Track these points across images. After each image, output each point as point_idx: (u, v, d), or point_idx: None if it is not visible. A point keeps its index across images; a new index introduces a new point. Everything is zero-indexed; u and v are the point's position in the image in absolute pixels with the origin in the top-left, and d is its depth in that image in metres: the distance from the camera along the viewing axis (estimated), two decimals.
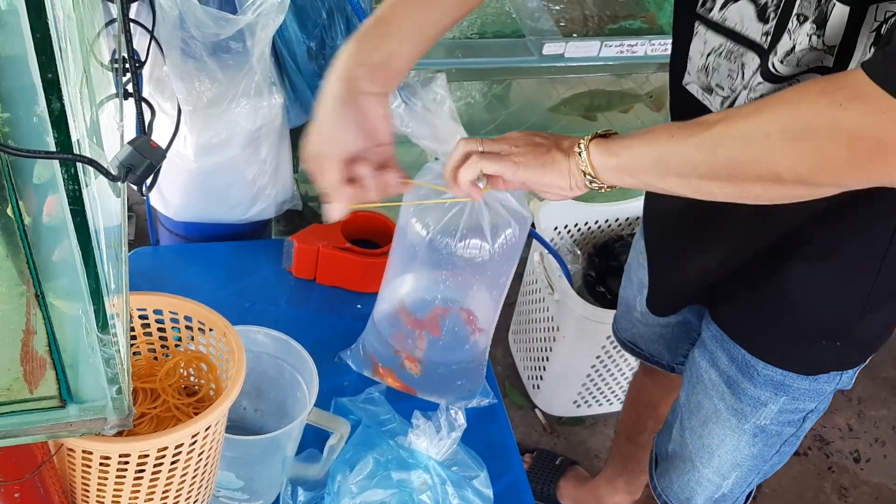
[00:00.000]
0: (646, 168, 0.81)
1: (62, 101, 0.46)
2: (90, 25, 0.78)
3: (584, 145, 0.83)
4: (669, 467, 1.22)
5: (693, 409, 1.13)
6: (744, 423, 1.06)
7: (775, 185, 0.73)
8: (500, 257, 1.02)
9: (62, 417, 0.66)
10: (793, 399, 1.01)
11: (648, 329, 1.27)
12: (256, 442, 0.93)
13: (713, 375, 1.07)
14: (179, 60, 1.08)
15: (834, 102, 0.66)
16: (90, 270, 0.55)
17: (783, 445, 1.09)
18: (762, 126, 0.71)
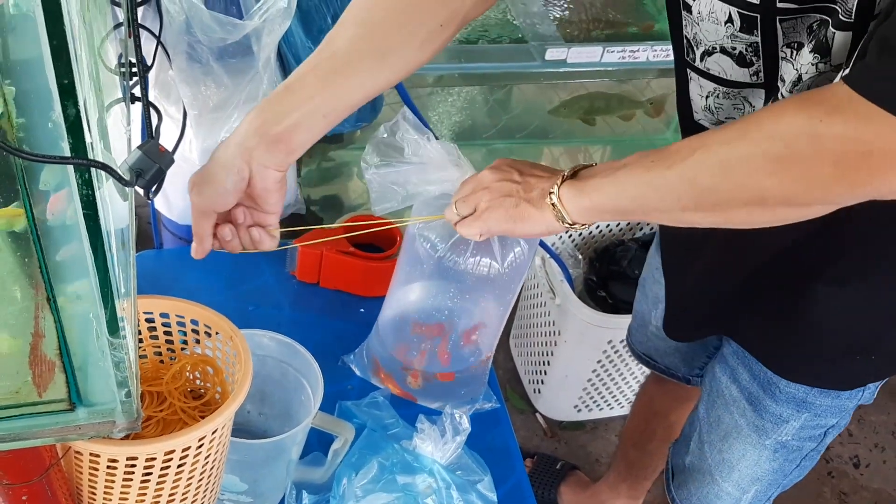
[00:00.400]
0: (625, 206, 0.79)
1: (77, 107, 0.46)
2: (98, 29, 0.79)
3: (555, 195, 0.81)
4: (688, 479, 1.22)
5: (713, 424, 1.12)
6: (765, 440, 1.05)
7: (760, 208, 0.72)
8: (508, 276, 1.02)
9: (71, 420, 0.67)
10: (815, 416, 1.01)
11: (664, 343, 1.27)
12: (261, 446, 0.94)
13: (734, 391, 1.06)
14: (185, 65, 1.08)
15: (814, 118, 0.65)
16: (102, 274, 0.56)
17: (804, 460, 1.09)
18: (742, 150, 0.69)
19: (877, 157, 0.63)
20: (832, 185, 0.66)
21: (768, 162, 0.68)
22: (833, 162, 0.65)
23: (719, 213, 0.74)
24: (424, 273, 1.05)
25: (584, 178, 0.81)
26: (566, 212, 0.81)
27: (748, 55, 0.80)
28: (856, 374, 0.99)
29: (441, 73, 1.69)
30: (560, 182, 0.81)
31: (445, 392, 1.18)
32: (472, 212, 0.88)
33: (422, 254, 1.02)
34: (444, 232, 1.00)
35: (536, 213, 0.83)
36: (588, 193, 0.80)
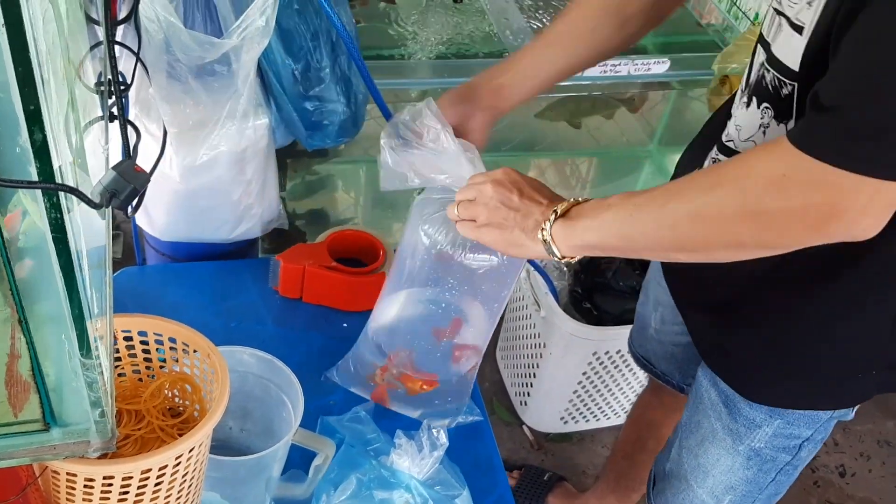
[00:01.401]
0: (612, 245, 0.84)
1: (44, 132, 0.47)
2: (76, 48, 0.79)
3: (547, 233, 0.85)
4: (666, 486, 1.23)
5: (692, 428, 1.14)
6: (738, 445, 1.06)
7: (741, 250, 0.76)
8: (506, 268, 1.04)
9: (46, 441, 0.67)
10: (787, 423, 1.02)
11: (661, 347, 1.28)
12: (242, 463, 0.94)
13: (713, 394, 1.07)
14: (165, 83, 1.08)
15: (778, 174, 0.69)
16: (73, 297, 0.56)
17: (779, 474, 1.09)
18: (715, 201, 0.74)
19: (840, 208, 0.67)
20: (803, 233, 0.71)
21: (740, 215, 0.72)
22: (800, 215, 0.69)
23: (701, 254, 0.79)
24: (420, 272, 1.06)
25: (575, 217, 0.85)
26: (556, 248, 0.86)
27: None
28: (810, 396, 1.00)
29: (425, 88, 1.69)
30: (553, 218, 0.85)
31: (430, 401, 1.18)
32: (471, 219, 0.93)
33: (421, 248, 1.04)
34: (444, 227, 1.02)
35: (529, 244, 0.88)
36: (578, 234, 0.84)
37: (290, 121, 1.26)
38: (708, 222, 0.75)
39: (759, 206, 0.70)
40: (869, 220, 0.68)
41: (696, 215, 0.75)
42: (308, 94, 1.22)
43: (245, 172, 1.25)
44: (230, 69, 1.09)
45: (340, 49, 1.22)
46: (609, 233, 0.83)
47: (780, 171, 0.69)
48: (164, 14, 1.00)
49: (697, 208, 0.75)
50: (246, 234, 1.36)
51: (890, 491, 2.04)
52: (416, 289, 1.10)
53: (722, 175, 0.75)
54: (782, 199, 0.69)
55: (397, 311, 1.14)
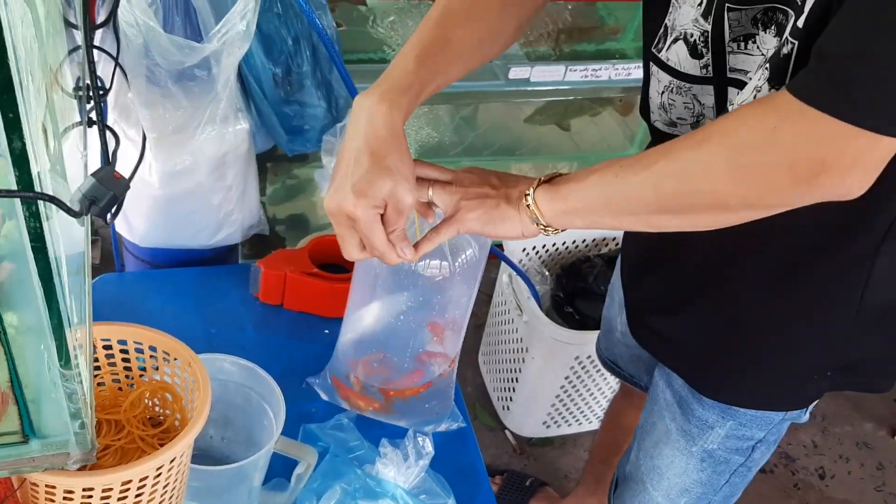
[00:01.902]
0: (596, 209, 0.81)
1: (23, 140, 0.46)
2: (54, 52, 0.78)
3: (531, 197, 0.83)
4: (624, 490, 1.23)
5: (648, 430, 1.14)
6: (692, 446, 1.06)
7: (724, 212, 0.74)
8: (461, 277, 1.03)
9: (25, 453, 0.66)
10: (740, 425, 1.02)
11: (628, 350, 1.28)
12: (223, 472, 0.93)
13: (668, 395, 1.08)
14: (144, 88, 1.07)
15: (769, 126, 0.68)
16: (52, 306, 0.55)
17: (732, 476, 1.09)
18: (702, 158, 0.72)
19: (829, 162, 0.66)
20: (789, 189, 0.69)
21: (727, 169, 0.71)
22: (788, 168, 0.67)
23: (684, 216, 0.77)
24: (378, 283, 1.05)
25: (559, 182, 0.83)
26: (540, 214, 0.83)
27: (700, 45, 0.82)
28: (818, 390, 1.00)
29: None
30: (536, 185, 0.84)
31: (412, 408, 1.17)
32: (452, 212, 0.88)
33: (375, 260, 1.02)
34: None
35: (514, 214, 0.85)
36: (562, 197, 0.82)
37: (270, 125, 1.25)
38: (694, 179, 0.73)
39: (746, 160, 0.69)
40: (857, 177, 0.67)
41: (682, 172, 0.73)
42: (289, 99, 1.21)
43: (225, 178, 1.24)
44: (210, 74, 1.08)
45: (321, 53, 1.21)
46: (593, 195, 0.81)
47: (772, 124, 0.67)
48: (143, 18, 0.98)
49: (683, 165, 0.73)
50: (226, 239, 1.35)
51: (869, 492, 2.05)
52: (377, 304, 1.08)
53: (711, 131, 0.73)
54: (771, 152, 0.68)
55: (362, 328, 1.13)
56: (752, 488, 1.99)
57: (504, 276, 1.86)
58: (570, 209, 0.82)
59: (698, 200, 0.74)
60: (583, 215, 0.83)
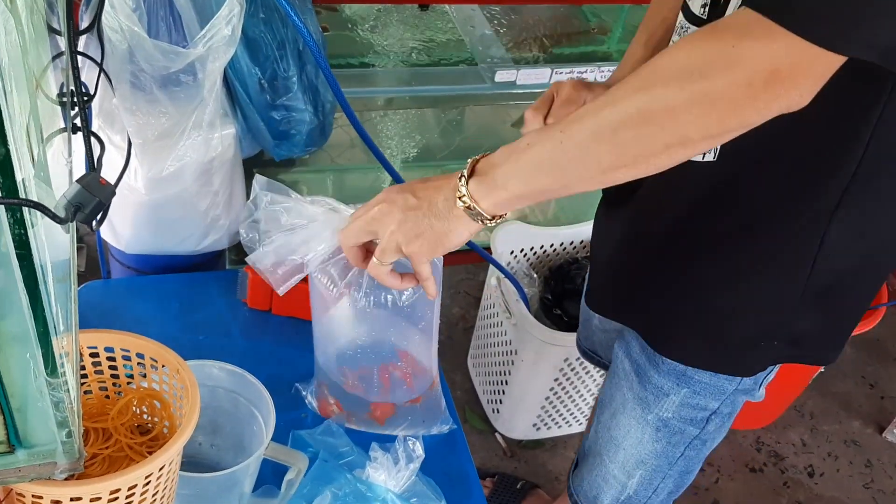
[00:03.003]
0: (543, 185, 0.77)
1: (7, 146, 0.45)
2: (37, 58, 0.77)
3: (466, 198, 0.78)
4: (583, 465, 1.24)
5: (606, 402, 1.14)
6: (647, 414, 1.07)
7: (683, 147, 0.72)
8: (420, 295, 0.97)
9: (11, 463, 0.65)
10: (694, 393, 1.02)
11: (606, 335, 1.28)
12: (213, 479, 0.92)
13: (626, 365, 1.08)
14: (129, 93, 1.07)
15: (726, 45, 0.67)
16: (38, 314, 0.54)
17: (687, 448, 1.09)
18: (660, 93, 0.70)
19: (782, 73, 0.66)
20: (747, 106, 0.69)
21: (687, 98, 0.69)
22: (746, 83, 0.67)
23: (641, 163, 0.73)
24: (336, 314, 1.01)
25: (489, 170, 0.79)
26: (481, 209, 0.79)
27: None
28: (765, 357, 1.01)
29: (391, 96, 1.69)
30: (464, 182, 0.79)
31: (401, 420, 1.17)
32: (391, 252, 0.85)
33: (324, 294, 0.99)
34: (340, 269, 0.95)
35: (453, 223, 0.80)
36: (501, 186, 0.78)
37: (256, 130, 1.24)
38: (654, 119, 0.70)
39: (707, 85, 0.68)
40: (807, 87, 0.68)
41: (640, 115, 0.70)
42: (275, 104, 1.20)
43: (212, 183, 1.24)
44: (196, 79, 1.07)
45: (307, 58, 1.21)
46: (536, 172, 0.76)
47: (729, 43, 0.67)
48: (127, 24, 0.98)
49: (639, 105, 0.70)
50: (213, 245, 1.34)
51: (858, 490, 2.06)
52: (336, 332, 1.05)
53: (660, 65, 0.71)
54: (731, 70, 0.67)
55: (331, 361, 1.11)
56: (742, 487, 2.01)
57: (492, 278, 1.86)
58: (512, 196, 0.78)
59: (657, 142, 0.71)
60: (529, 197, 0.78)
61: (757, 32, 0.66)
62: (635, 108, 0.71)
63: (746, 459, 2.09)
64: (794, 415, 2.20)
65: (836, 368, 2.31)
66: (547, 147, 0.75)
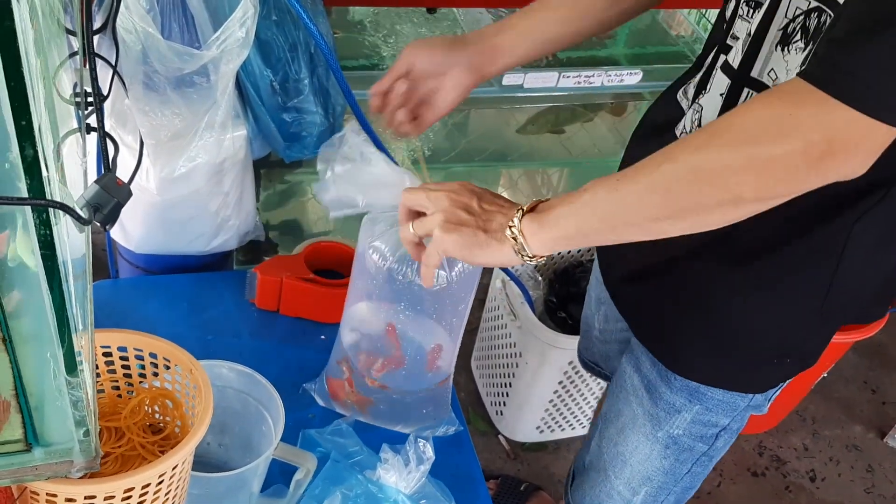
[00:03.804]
0: (592, 229, 0.80)
1: (35, 147, 0.46)
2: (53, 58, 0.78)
3: (516, 229, 0.82)
4: (584, 480, 1.23)
5: (612, 417, 1.14)
6: (657, 431, 1.07)
7: (735, 208, 0.74)
8: (458, 285, 1.03)
9: (28, 461, 0.65)
10: (706, 409, 1.02)
11: (606, 346, 1.28)
12: (222, 479, 0.92)
13: (636, 380, 1.08)
14: (142, 94, 1.07)
15: (783, 114, 0.69)
16: (60, 314, 0.55)
17: (694, 465, 1.10)
18: (716, 154, 0.72)
19: (837, 144, 0.68)
20: (802, 175, 0.71)
21: (744, 162, 0.71)
22: (802, 152, 0.69)
23: (692, 217, 0.76)
24: (375, 288, 1.05)
25: (545, 209, 0.82)
26: (527, 245, 0.82)
27: None
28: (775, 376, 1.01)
29: None
30: (520, 216, 0.82)
31: (410, 411, 1.17)
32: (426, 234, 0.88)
33: (371, 267, 1.02)
34: (394, 244, 1.00)
35: (495, 245, 0.83)
36: (552, 224, 0.81)
37: (267, 132, 1.25)
38: (708, 177, 0.72)
39: (762, 151, 0.70)
40: (861, 158, 0.69)
41: (697, 173, 0.73)
42: (286, 106, 1.21)
43: (223, 184, 1.24)
44: (209, 80, 1.07)
45: (318, 60, 1.21)
46: (588, 215, 0.79)
47: (786, 112, 0.69)
48: (141, 25, 0.98)
49: (697, 164, 0.73)
50: (222, 246, 1.34)
51: (859, 494, 2.07)
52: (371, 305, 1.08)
53: (718, 127, 0.73)
54: (786, 139, 0.69)
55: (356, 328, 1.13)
56: (744, 491, 2.01)
57: (497, 281, 1.86)
58: (562, 235, 0.81)
59: (710, 199, 0.74)
60: (577, 238, 0.82)
61: (811, 102, 0.68)
62: (692, 163, 0.74)
63: (748, 464, 2.09)
64: (796, 419, 2.21)
65: (837, 374, 2.31)
66: (601, 193, 0.79)
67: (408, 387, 1.15)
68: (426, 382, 1.16)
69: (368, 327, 1.12)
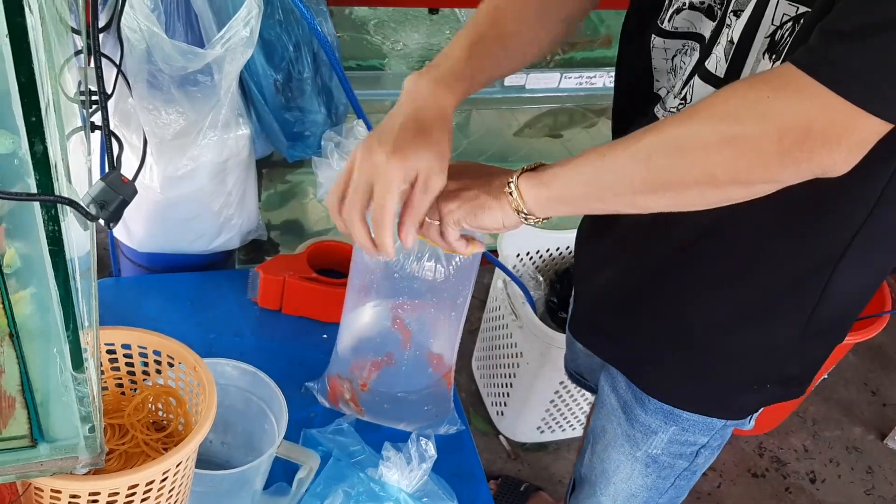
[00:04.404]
0: (581, 193, 0.81)
1: (45, 144, 0.46)
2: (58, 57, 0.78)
3: (513, 184, 0.82)
4: (580, 492, 1.24)
5: (598, 434, 1.14)
6: (636, 451, 1.07)
7: (712, 187, 0.74)
8: (455, 278, 1.03)
9: (33, 457, 0.66)
10: (682, 430, 1.02)
11: (591, 360, 1.27)
12: (225, 476, 0.93)
13: (613, 400, 1.08)
14: (146, 93, 1.07)
15: (761, 96, 0.68)
16: (67, 309, 0.55)
17: (678, 479, 1.09)
18: (694, 129, 0.72)
19: (816, 132, 0.66)
20: (776, 162, 0.69)
21: (717, 139, 0.71)
22: (777, 139, 0.68)
23: (672, 193, 0.76)
24: (374, 284, 1.05)
25: (542, 171, 0.83)
26: (523, 202, 0.82)
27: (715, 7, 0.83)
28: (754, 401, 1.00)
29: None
30: (519, 174, 0.83)
31: (411, 409, 1.17)
32: None
33: (370, 261, 1.02)
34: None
35: (494, 204, 0.83)
36: (545, 184, 0.81)
37: (270, 131, 1.25)
38: (685, 152, 0.73)
39: (736, 130, 0.69)
40: (842, 152, 0.68)
41: (674, 146, 0.73)
42: (289, 105, 1.21)
43: (226, 183, 1.24)
44: (213, 79, 1.08)
45: (321, 60, 1.21)
46: (578, 179, 0.80)
47: (765, 94, 0.68)
48: (146, 23, 0.99)
49: (675, 138, 0.73)
50: (225, 245, 1.35)
51: (859, 496, 2.07)
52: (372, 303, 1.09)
53: (702, 104, 0.73)
54: (760, 121, 0.68)
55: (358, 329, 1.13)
56: (744, 492, 2.02)
57: (498, 281, 1.86)
58: (553, 196, 0.81)
59: (688, 175, 0.74)
60: (567, 201, 0.82)
61: (793, 87, 0.67)
62: (671, 136, 0.74)
63: (749, 465, 2.09)
64: (796, 421, 2.21)
65: (838, 375, 2.32)
66: (591, 158, 0.79)
67: (409, 384, 1.15)
68: (427, 378, 1.16)
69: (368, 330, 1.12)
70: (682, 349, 0.97)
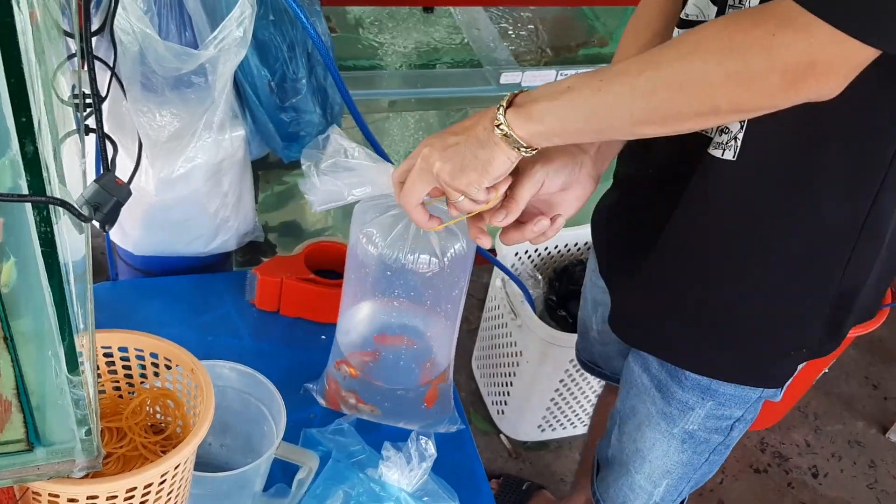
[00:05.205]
0: (577, 127, 0.80)
1: (35, 144, 0.46)
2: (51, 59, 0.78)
3: (505, 125, 0.80)
4: (608, 473, 1.24)
5: (628, 414, 1.14)
6: (673, 428, 1.07)
7: (714, 117, 0.76)
8: (450, 270, 1.03)
9: (29, 461, 0.65)
10: (719, 405, 1.03)
11: (605, 348, 1.29)
12: (224, 478, 0.92)
13: (645, 380, 1.08)
14: (140, 95, 1.07)
15: (767, 32, 0.69)
16: (61, 312, 0.55)
17: (712, 454, 1.10)
18: (698, 65, 0.73)
19: (818, 65, 0.69)
20: (779, 92, 0.71)
21: (724, 76, 0.72)
22: (782, 72, 0.70)
23: (671, 124, 0.77)
24: (368, 279, 1.05)
25: (528, 103, 0.81)
26: (518, 136, 0.81)
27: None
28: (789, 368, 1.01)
29: (396, 98, 1.69)
30: (503, 111, 0.81)
31: (411, 407, 1.17)
32: None
33: (363, 255, 1.02)
34: (385, 229, 1.01)
35: (491, 147, 0.82)
36: (538, 119, 0.80)
37: (265, 132, 1.25)
38: (689, 87, 0.73)
39: (744, 66, 0.70)
40: (837, 80, 0.70)
41: (678, 81, 0.74)
42: (284, 105, 1.21)
43: (222, 185, 1.24)
44: (207, 81, 1.07)
45: (316, 60, 1.21)
46: (572, 113, 0.79)
47: (770, 30, 0.69)
48: (139, 25, 0.98)
49: (678, 74, 0.73)
50: (222, 247, 1.34)
51: (862, 490, 2.07)
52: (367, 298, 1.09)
53: (703, 36, 0.73)
54: (768, 57, 0.70)
55: (354, 324, 1.13)
56: (747, 487, 2.01)
57: (497, 280, 1.86)
58: (547, 130, 0.80)
59: (689, 109, 0.74)
60: (563, 135, 0.81)
61: (797, 24, 0.68)
62: (674, 74, 0.74)
63: (751, 460, 2.09)
64: (797, 416, 2.21)
65: (839, 369, 2.31)
66: (585, 93, 0.78)
67: (407, 381, 1.15)
68: (425, 373, 1.16)
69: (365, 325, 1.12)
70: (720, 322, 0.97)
